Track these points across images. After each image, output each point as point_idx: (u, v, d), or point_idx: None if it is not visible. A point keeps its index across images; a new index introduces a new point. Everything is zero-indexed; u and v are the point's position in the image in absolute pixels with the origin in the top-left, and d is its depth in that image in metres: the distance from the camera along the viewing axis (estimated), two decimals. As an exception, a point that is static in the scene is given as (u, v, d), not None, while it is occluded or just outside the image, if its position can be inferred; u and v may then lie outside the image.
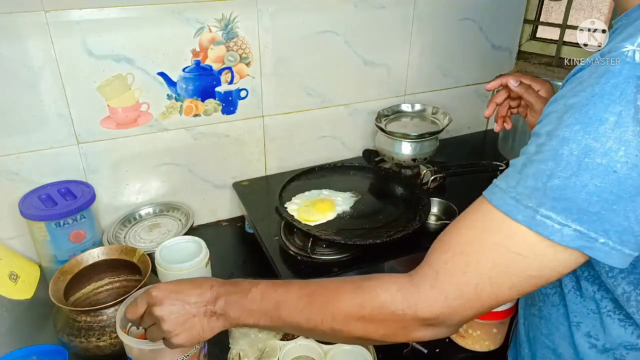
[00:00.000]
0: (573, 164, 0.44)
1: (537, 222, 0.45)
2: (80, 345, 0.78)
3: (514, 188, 0.47)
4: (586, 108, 0.44)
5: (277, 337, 0.78)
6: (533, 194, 0.46)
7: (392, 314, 0.52)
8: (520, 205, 0.46)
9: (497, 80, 0.87)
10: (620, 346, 0.57)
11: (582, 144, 0.43)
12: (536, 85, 0.85)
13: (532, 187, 0.46)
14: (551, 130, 0.46)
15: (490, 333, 0.83)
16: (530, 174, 0.46)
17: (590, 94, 0.44)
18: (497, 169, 1.20)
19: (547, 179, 0.45)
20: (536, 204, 0.45)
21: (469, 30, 1.36)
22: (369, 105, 1.30)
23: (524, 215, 0.46)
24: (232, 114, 1.14)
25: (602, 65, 0.45)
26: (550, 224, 0.45)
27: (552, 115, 0.47)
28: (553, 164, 0.45)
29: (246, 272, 1.04)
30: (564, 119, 0.45)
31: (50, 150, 1.00)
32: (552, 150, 0.45)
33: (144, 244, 1.03)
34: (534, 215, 0.45)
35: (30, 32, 0.89)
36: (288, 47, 1.13)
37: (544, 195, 0.45)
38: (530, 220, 0.45)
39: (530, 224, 0.45)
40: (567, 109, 0.46)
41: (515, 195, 0.47)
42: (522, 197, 0.46)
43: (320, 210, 0.97)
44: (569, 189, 0.44)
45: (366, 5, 1.17)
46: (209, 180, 1.19)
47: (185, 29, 1.01)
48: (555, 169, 0.44)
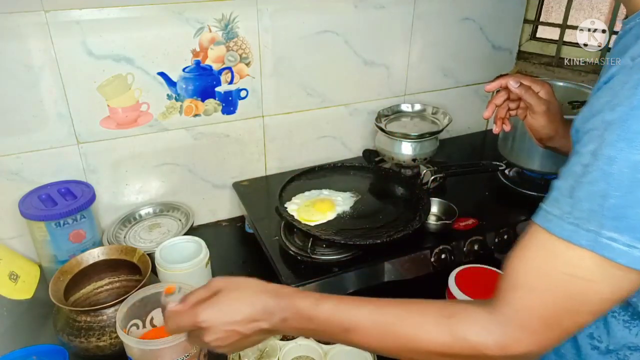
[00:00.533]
0: (625, 182, 0.42)
1: (602, 245, 0.44)
2: (80, 345, 0.78)
3: (570, 213, 0.46)
4: (627, 124, 0.43)
5: (277, 337, 0.78)
6: (592, 217, 0.44)
7: (483, 355, 0.50)
8: (581, 230, 0.45)
9: (497, 82, 0.86)
10: (624, 347, 0.56)
11: (630, 160, 0.42)
12: (536, 87, 0.84)
13: (588, 209, 0.44)
14: (595, 149, 0.45)
15: (490, 333, 0.83)
16: (583, 197, 0.45)
17: (628, 107, 0.43)
18: (497, 169, 1.20)
19: (602, 200, 0.44)
20: (597, 226, 0.44)
21: (469, 30, 1.36)
22: (369, 105, 1.30)
23: (587, 240, 0.44)
24: (232, 114, 1.14)
25: (634, 72, 0.44)
26: (617, 246, 0.43)
27: (592, 132, 0.46)
28: (605, 185, 0.43)
29: (246, 272, 1.04)
30: (605, 136, 0.44)
31: (50, 150, 1.00)
32: (600, 170, 0.44)
33: (144, 244, 1.03)
34: (596, 238, 0.44)
35: (30, 32, 0.89)
36: (288, 47, 1.13)
37: (603, 216, 0.44)
38: (594, 244, 0.44)
39: (595, 247, 0.44)
40: (606, 125, 0.44)
41: (573, 221, 0.45)
42: (581, 222, 0.45)
43: (320, 210, 0.97)
44: (628, 207, 0.43)
45: (366, 5, 1.17)
46: (209, 180, 1.19)
47: (185, 29, 1.01)
48: (608, 189, 0.43)
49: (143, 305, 0.76)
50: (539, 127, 0.85)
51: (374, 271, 0.92)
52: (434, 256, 0.95)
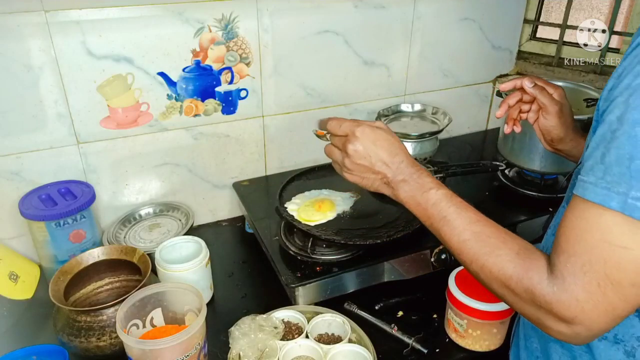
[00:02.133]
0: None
1: (630, 206, 0.45)
2: (80, 345, 0.78)
3: (602, 178, 0.48)
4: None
5: (277, 337, 0.78)
6: (622, 180, 0.46)
7: (532, 299, 0.53)
8: (612, 193, 0.47)
9: (512, 82, 0.88)
10: (633, 337, 0.57)
11: None
12: (550, 89, 0.86)
13: (618, 173, 0.46)
14: (621, 115, 0.47)
15: (490, 333, 0.83)
16: (612, 161, 0.47)
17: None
18: (497, 169, 1.20)
19: (629, 162, 0.45)
20: (626, 188, 0.46)
21: (469, 30, 1.36)
22: (369, 105, 1.30)
23: (618, 202, 0.46)
24: (232, 114, 1.14)
25: None
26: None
27: (617, 99, 0.48)
28: (630, 147, 0.46)
29: (246, 272, 1.04)
30: (630, 102, 0.46)
31: (50, 150, 1.00)
32: (625, 134, 0.46)
33: (144, 244, 1.03)
34: (625, 200, 0.46)
35: (30, 32, 0.89)
36: (288, 47, 1.13)
37: (631, 178, 0.45)
38: (623, 206, 0.46)
39: (624, 209, 0.46)
40: (632, 91, 0.47)
41: (606, 185, 0.47)
42: (612, 185, 0.47)
43: (320, 210, 0.97)
44: None
45: (366, 5, 1.17)
46: (209, 180, 1.19)
47: (185, 29, 1.01)
48: (634, 151, 0.45)
49: (143, 305, 0.76)
50: (550, 127, 0.86)
51: (374, 271, 0.92)
52: (434, 256, 0.94)
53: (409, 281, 0.94)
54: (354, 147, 0.69)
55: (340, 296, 0.91)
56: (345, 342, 0.79)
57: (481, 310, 0.79)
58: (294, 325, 0.83)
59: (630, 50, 0.50)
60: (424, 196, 0.65)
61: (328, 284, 0.89)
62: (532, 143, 1.11)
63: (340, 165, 0.73)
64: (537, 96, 0.85)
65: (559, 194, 1.14)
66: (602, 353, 0.59)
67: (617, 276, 0.47)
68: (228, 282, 1.01)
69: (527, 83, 0.85)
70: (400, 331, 0.86)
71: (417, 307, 0.93)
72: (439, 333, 0.88)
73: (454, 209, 0.63)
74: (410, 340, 0.84)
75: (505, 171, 1.23)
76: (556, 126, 0.86)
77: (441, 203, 0.64)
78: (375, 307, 0.92)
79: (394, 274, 0.93)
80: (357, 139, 0.69)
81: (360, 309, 0.90)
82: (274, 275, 0.93)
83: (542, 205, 1.10)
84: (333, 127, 0.72)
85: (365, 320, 0.88)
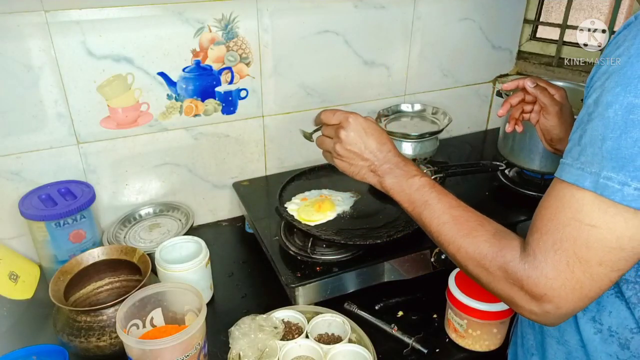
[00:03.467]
0: (620, 123, 0.46)
1: (600, 185, 0.47)
2: (80, 345, 0.78)
3: (577, 159, 0.50)
4: (624, 70, 0.46)
5: (277, 337, 0.78)
6: (594, 160, 0.48)
7: (505, 276, 0.55)
8: (585, 173, 0.48)
9: (514, 82, 0.90)
10: (626, 329, 0.57)
11: (624, 103, 0.46)
12: (551, 90, 0.88)
13: (591, 153, 0.48)
14: (597, 97, 0.49)
15: (490, 333, 0.83)
16: (587, 142, 0.49)
17: (627, 56, 0.47)
18: (497, 169, 1.20)
19: (601, 142, 0.47)
20: (598, 168, 0.47)
21: (469, 30, 1.36)
22: (369, 105, 1.30)
23: (590, 181, 0.48)
24: (232, 114, 1.14)
25: (635, 25, 0.48)
26: (612, 185, 0.46)
27: (596, 84, 0.50)
28: (603, 128, 0.47)
29: (246, 272, 1.04)
30: (605, 85, 0.48)
31: (50, 150, 1.00)
32: (599, 116, 0.48)
33: (144, 244, 1.03)
34: (597, 180, 0.47)
35: (30, 32, 0.89)
36: (288, 47, 1.13)
37: (602, 158, 0.47)
38: (595, 185, 0.47)
39: (596, 188, 0.47)
40: (608, 75, 0.48)
41: (580, 165, 0.49)
42: (586, 165, 0.48)
43: (320, 210, 0.97)
44: (622, 148, 0.46)
45: (366, 5, 1.17)
46: (209, 180, 1.19)
47: (185, 29, 1.01)
48: (605, 131, 0.47)
49: (143, 305, 0.76)
50: (550, 127, 0.88)
51: (374, 271, 0.92)
52: (434, 256, 0.94)
53: (409, 281, 0.94)
54: (346, 133, 0.73)
55: (340, 296, 0.91)
56: (345, 342, 0.79)
57: (481, 310, 0.79)
58: (294, 325, 0.83)
59: (611, 40, 0.52)
60: (408, 182, 0.69)
61: (328, 284, 0.89)
62: (532, 143, 1.11)
63: (331, 152, 0.76)
64: (538, 96, 0.87)
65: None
66: (597, 346, 0.60)
67: (585, 254, 0.49)
68: (228, 282, 1.01)
69: (528, 83, 0.87)
70: (400, 331, 0.86)
71: (417, 307, 0.93)
72: (439, 333, 0.88)
73: (435, 195, 0.67)
74: (410, 340, 0.84)
75: (505, 171, 1.23)
76: (556, 126, 0.87)
77: (424, 188, 0.68)
78: (375, 307, 0.92)
79: (394, 274, 0.93)
80: (349, 126, 0.73)
81: (360, 309, 0.90)
82: (274, 275, 0.93)
83: (542, 205, 1.10)
84: (327, 115, 0.76)
85: (365, 320, 0.88)
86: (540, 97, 0.86)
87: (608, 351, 0.59)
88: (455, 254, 0.62)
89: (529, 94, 0.88)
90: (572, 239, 0.49)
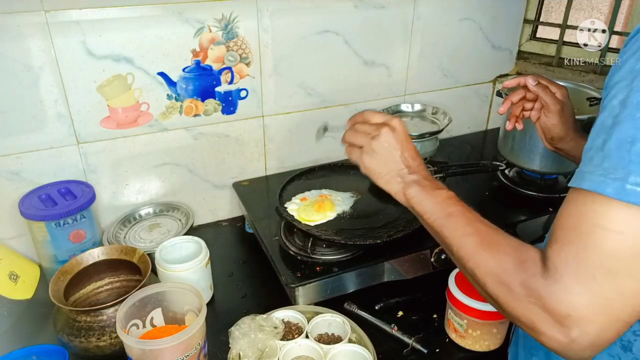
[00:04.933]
0: None
1: (627, 192, 0.43)
2: (80, 345, 0.78)
3: (600, 165, 0.46)
4: None
5: (277, 337, 0.78)
6: (619, 165, 0.44)
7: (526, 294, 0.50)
8: (607, 179, 0.45)
9: (515, 79, 0.89)
10: (629, 331, 0.56)
11: None
12: (553, 88, 0.87)
13: (617, 157, 0.45)
14: (624, 98, 0.46)
15: (490, 333, 0.83)
16: (613, 147, 0.45)
17: None
18: (497, 169, 1.20)
19: (630, 146, 0.44)
20: (624, 173, 0.44)
21: (469, 30, 1.36)
22: (369, 105, 1.30)
23: (613, 188, 0.44)
24: (232, 114, 1.14)
25: None
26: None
27: (620, 84, 0.47)
28: (633, 130, 0.44)
29: (246, 272, 1.04)
30: (634, 85, 0.45)
31: (50, 150, 1.00)
32: (629, 117, 0.45)
33: (144, 244, 1.03)
34: (623, 186, 0.44)
35: (30, 32, 0.89)
36: (288, 47, 1.13)
37: (630, 162, 0.44)
38: (620, 192, 0.44)
39: (621, 195, 0.44)
40: (636, 74, 0.45)
41: (603, 172, 0.45)
42: (609, 171, 0.45)
43: (320, 210, 0.97)
44: None
45: (366, 5, 1.17)
46: (209, 180, 1.19)
47: (185, 29, 1.01)
48: (636, 134, 0.44)
49: (143, 305, 0.76)
50: (551, 126, 0.87)
51: (374, 271, 0.92)
52: (434, 256, 0.95)
53: (409, 281, 0.94)
54: (389, 132, 0.72)
55: (340, 296, 0.91)
56: (345, 342, 0.79)
57: (481, 310, 0.79)
58: (294, 325, 0.83)
59: (631, 37, 0.49)
60: (434, 193, 0.68)
61: (328, 284, 0.89)
62: (532, 143, 1.11)
63: (363, 147, 0.74)
64: (539, 94, 0.86)
65: (559, 194, 1.14)
66: None
67: (611, 265, 0.45)
68: (228, 282, 1.01)
69: (530, 81, 0.86)
70: (400, 331, 0.86)
71: (417, 307, 0.93)
72: (439, 333, 0.88)
73: (460, 208, 0.65)
74: (410, 340, 0.84)
75: (505, 171, 1.23)
76: (557, 125, 0.87)
77: (450, 200, 0.66)
78: (375, 307, 0.92)
79: (394, 274, 0.93)
80: (394, 128, 0.72)
81: (360, 309, 0.90)
82: (274, 275, 0.93)
83: (542, 205, 1.10)
84: (371, 113, 0.77)
85: (365, 320, 0.88)
86: (541, 95, 0.86)
87: (610, 352, 0.58)
88: (475, 269, 0.58)
89: (530, 91, 0.88)
90: (597, 247, 0.45)
